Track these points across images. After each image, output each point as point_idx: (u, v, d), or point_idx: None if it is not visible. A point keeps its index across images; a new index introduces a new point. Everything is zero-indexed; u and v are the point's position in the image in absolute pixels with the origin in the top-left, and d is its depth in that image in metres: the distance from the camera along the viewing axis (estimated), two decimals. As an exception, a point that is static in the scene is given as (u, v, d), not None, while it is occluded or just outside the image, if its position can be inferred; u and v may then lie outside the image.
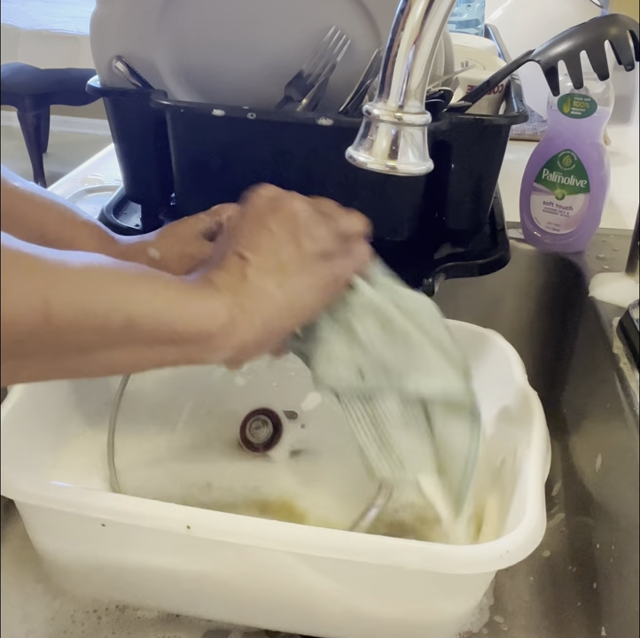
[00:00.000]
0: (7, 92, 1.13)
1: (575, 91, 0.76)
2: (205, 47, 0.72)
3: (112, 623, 0.60)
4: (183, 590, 0.57)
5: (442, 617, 0.56)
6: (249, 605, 0.57)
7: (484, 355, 0.72)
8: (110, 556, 0.55)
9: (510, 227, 0.83)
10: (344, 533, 0.52)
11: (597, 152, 0.80)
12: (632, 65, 0.68)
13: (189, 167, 0.72)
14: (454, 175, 0.72)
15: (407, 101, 0.43)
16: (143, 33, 0.71)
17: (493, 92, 0.84)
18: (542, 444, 0.58)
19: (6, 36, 1.38)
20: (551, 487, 0.74)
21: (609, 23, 0.69)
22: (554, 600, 0.65)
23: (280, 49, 0.71)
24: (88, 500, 0.51)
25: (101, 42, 0.72)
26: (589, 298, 0.75)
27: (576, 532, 0.69)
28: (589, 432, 0.72)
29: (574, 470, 0.72)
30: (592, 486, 0.67)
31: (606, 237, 0.86)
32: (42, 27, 1.39)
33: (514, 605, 0.64)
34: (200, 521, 0.50)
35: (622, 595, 0.57)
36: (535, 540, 0.50)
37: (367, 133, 0.45)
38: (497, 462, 0.65)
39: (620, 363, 0.64)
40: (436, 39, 0.42)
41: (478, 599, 0.57)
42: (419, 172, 0.45)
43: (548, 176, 0.81)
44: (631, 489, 0.57)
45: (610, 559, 0.60)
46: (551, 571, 0.67)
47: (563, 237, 0.83)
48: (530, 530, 0.50)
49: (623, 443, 0.60)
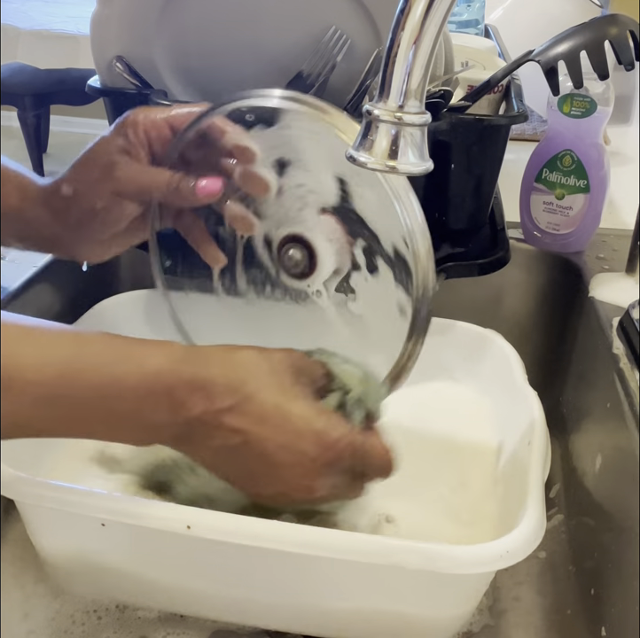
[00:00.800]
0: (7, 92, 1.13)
1: (575, 91, 0.76)
2: (205, 47, 0.72)
3: (112, 623, 0.60)
4: (182, 590, 0.57)
5: (442, 617, 0.56)
6: (249, 605, 0.57)
7: (484, 355, 0.72)
8: (110, 556, 0.55)
9: (510, 227, 0.83)
10: (344, 534, 0.52)
11: (597, 152, 0.80)
12: (632, 65, 0.68)
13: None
14: (454, 175, 0.72)
15: (407, 101, 0.43)
16: (143, 33, 0.71)
17: (493, 92, 0.84)
18: (542, 444, 0.58)
19: (6, 36, 1.37)
20: (551, 487, 0.74)
21: (609, 23, 0.69)
22: (554, 600, 0.65)
23: (280, 49, 0.71)
24: (88, 500, 0.51)
25: (101, 42, 0.72)
26: (589, 298, 0.75)
27: (576, 532, 0.69)
28: (589, 432, 0.72)
29: (574, 470, 0.72)
30: (592, 486, 0.67)
31: (606, 237, 0.86)
32: (42, 27, 1.39)
33: (514, 606, 0.64)
34: (200, 521, 0.50)
35: (622, 595, 0.57)
36: (535, 540, 0.50)
37: (367, 133, 0.45)
38: (497, 462, 0.65)
39: (620, 363, 0.64)
40: (436, 39, 0.42)
41: (478, 599, 0.57)
42: (419, 172, 0.45)
43: (548, 176, 0.81)
44: (631, 489, 0.56)
45: (610, 559, 0.60)
46: (551, 572, 0.67)
47: (563, 237, 0.83)
48: (530, 530, 0.50)
49: (623, 443, 0.60)
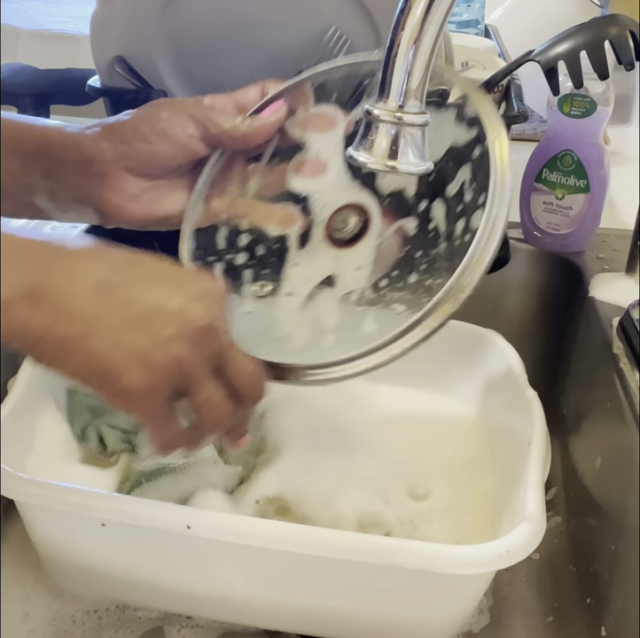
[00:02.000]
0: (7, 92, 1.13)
1: (575, 91, 0.76)
2: (205, 47, 0.72)
3: (113, 623, 0.60)
4: (183, 590, 0.57)
5: (442, 617, 0.56)
6: (248, 605, 0.57)
7: (484, 355, 0.72)
8: (110, 556, 0.55)
9: (510, 227, 0.83)
10: (344, 533, 0.52)
11: (597, 152, 0.80)
12: (632, 65, 0.68)
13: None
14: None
15: (407, 101, 0.43)
16: (143, 33, 0.71)
17: (493, 92, 0.84)
18: (542, 444, 0.58)
19: (6, 36, 1.38)
20: (551, 487, 0.74)
21: (609, 23, 0.69)
22: (554, 600, 0.65)
23: (280, 49, 0.71)
24: (88, 500, 0.51)
25: (101, 42, 0.72)
26: (589, 298, 0.75)
27: (576, 532, 0.69)
28: (589, 432, 0.72)
29: (574, 471, 0.72)
30: (592, 487, 0.67)
31: (606, 237, 0.86)
32: (42, 27, 1.39)
33: (514, 606, 0.64)
34: (200, 521, 0.50)
35: (622, 595, 0.57)
36: (535, 541, 0.50)
37: (367, 133, 0.45)
38: (498, 463, 0.65)
39: (620, 363, 0.64)
40: (436, 39, 0.42)
41: (478, 599, 0.57)
42: (419, 172, 0.45)
43: (548, 176, 0.81)
44: (631, 489, 0.57)
45: (610, 559, 0.60)
46: (551, 572, 0.67)
47: (563, 237, 0.83)
48: (530, 530, 0.50)
49: (623, 443, 0.60)
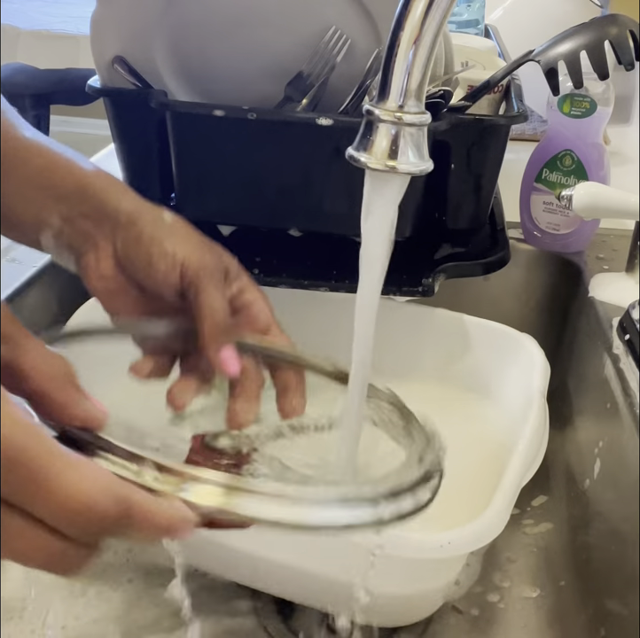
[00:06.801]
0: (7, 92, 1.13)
1: (575, 91, 0.76)
2: (205, 47, 0.72)
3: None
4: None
5: (425, 591, 0.56)
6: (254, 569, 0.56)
7: (509, 359, 0.70)
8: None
9: (510, 227, 0.83)
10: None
11: (597, 152, 0.80)
12: (632, 65, 0.68)
13: (189, 168, 0.72)
14: (454, 175, 0.72)
15: (407, 101, 0.43)
16: (143, 33, 0.71)
17: (493, 92, 0.84)
18: (528, 448, 0.57)
19: (6, 36, 1.38)
20: (550, 487, 0.74)
21: (609, 23, 0.69)
22: (554, 601, 0.65)
23: (280, 49, 0.71)
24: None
25: (101, 42, 0.72)
26: (589, 298, 0.75)
27: (575, 532, 0.69)
28: (588, 433, 0.72)
29: (574, 470, 0.72)
30: (591, 487, 0.67)
31: (606, 237, 0.86)
32: (42, 27, 1.39)
33: (514, 606, 0.64)
34: (200, 521, 0.50)
35: (622, 595, 0.57)
36: (483, 537, 0.49)
37: (367, 133, 0.45)
38: (498, 463, 0.65)
39: (620, 363, 0.64)
40: (436, 39, 0.42)
41: (455, 573, 0.57)
42: (419, 172, 0.45)
43: (548, 176, 0.81)
44: (631, 490, 0.57)
45: (610, 559, 0.60)
46: (551, 572, 0.67)
47: (563, 237, 0.83)
48: (480, 527, 0.50)
49: (623, 443, 0.60)
